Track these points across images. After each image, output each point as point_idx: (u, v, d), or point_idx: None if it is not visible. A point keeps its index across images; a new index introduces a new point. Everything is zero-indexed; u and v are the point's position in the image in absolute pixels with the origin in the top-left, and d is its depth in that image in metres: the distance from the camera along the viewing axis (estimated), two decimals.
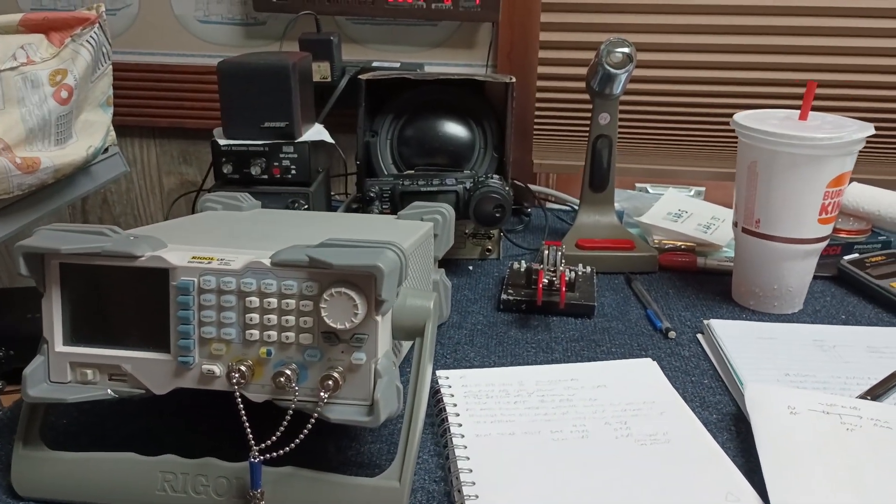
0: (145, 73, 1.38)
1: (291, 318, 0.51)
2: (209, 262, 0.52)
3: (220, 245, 0.55)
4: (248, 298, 0.51)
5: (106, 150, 1.05)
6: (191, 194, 1.42)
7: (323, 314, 0.50)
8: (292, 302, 0.51)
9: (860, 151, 0.79)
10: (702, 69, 1.23)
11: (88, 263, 0.52)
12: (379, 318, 0.50)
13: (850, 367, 0.71)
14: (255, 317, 0.51)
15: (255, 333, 0.51)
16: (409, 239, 0.63)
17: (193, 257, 0.52)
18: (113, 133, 1.05)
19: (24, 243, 0.51)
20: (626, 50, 0.93)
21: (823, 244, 0.82)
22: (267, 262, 0.51)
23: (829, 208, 0.80)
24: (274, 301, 0.51)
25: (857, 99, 1.22)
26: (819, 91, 0.98)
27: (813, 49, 1.19)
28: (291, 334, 0.51)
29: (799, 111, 0.82)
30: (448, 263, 0.99)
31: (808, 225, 0.80)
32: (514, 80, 0.95)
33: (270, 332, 0.51)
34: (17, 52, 0.86)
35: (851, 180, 0.96)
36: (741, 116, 0.83)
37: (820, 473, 0.54)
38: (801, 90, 0.82)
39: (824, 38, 1.18)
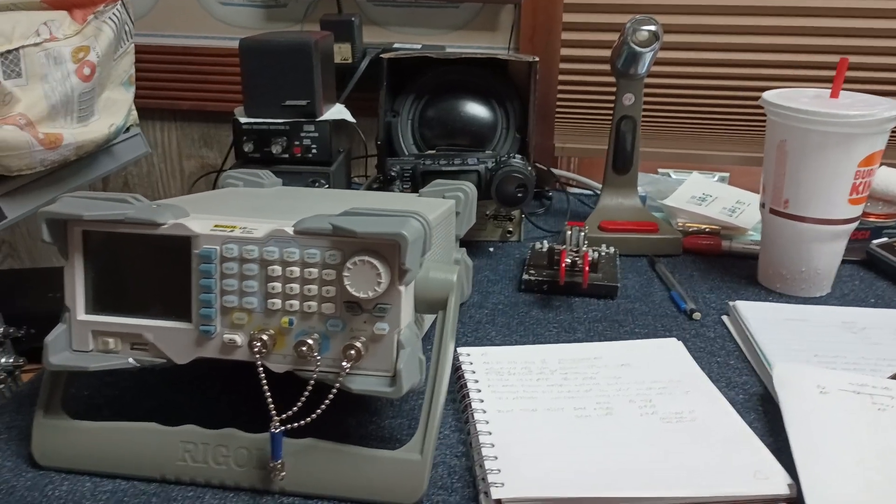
0: (167, 56, 1.39)
1: (314, 288, 0.50)
2: (232, 231, 0.51)
3: (243, 216, 0.55)
4: (270, 267, 0.50)
5: (128, 129, 1.05)
6: (211, 175, 1.42)
7: (346, 283, 0.49)
8: (315, 271, 0.50)
9: (891, 135, 0.77)
10: (729, 51, 1.21)
11: (111, 231, 0.52)
12: (402, 288, 0.50)
13: (880, 349, 0.70)
14: (278, 286, 0.50)
15: (278, 303, 0.51)
16: (432, 213, 0.62)
17: (216, 225, 0.51)
18: (135, 112, 1.05)
19: (47, 209, 0.51)
20: (652, 28, 0.91)
21: (853, 225, 0.80)
22: (290, 230, 0.50)
23: (860, 188, 0.78)
24: (296, 270, 0.50)
25: (889, 82, 1.20)
26: (850, 74, 0.96)
27: (844, 31, 1.17)
28: (314, 304, 0.50)
29: (830, 90, 0.80)
30: (468, 245, 0.99)
31: (838, 205, 0.78)
32: (537, 59, 0.94)
33: (293, 302, 0.51)
34: (40, 29, 0.87)
35: (881, 164, 0.94)
36: (771, 95, 0.81)
37: (851, 453, 0.53)
38: (832, 73, 0.80)
39: (856, 19, 1.16)
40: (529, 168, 0.91)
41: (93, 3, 0.93)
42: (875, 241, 0.93)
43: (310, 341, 0.50)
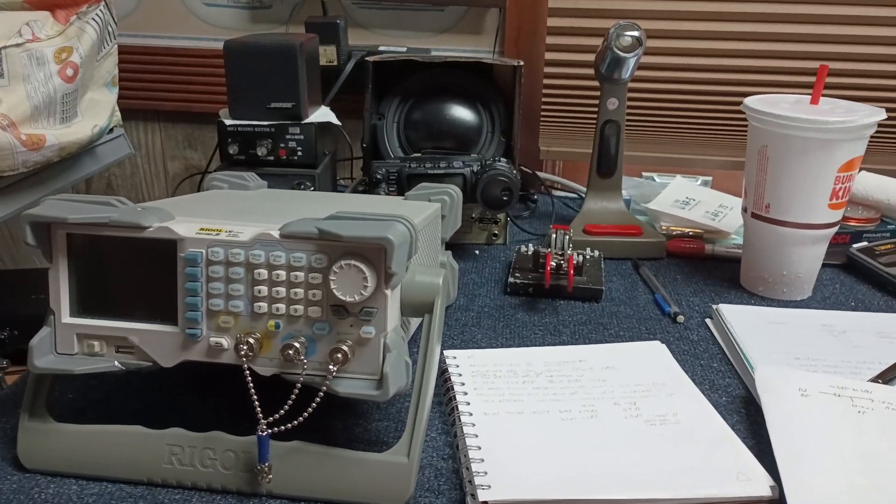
0: (150, 57, 1.38)
1: (300, 291, 0.50)
2: (217, 234, 0.51)
3: (229, 219, 0.54)
4: (256, 271, 0.50)
5: (111, 130, 1.04)
6: (195, 177, 1.41)
7: (332, 287, 0.49)
8: (301, 274, 0.50)
9: (870, 141, 0.78)
10: (711, 56, 1.23)
11: (96, 234, 0.52)
12: (388, 292, 0.50)
13: (860, 352, 0.71)
14: (264, 289, 0.51)
15: (264, 306, 0.51)
16: (417, 216, 0.62)
17: (201, 229, 0.51)
18: (118, 114, 1.05)
19: (31, 212, 0.51)
20: (635, 33, 0.92)
21: (834, 230, 0.81)
22: (276, 233, 0.50)
23: (840, 193, 0.79)
24: (283, 273, 0.50)
25: (868, 88, 1.21)
26: (830, 80, 0.98)
27: (824, 37, 1.19)
28: (300, 307, 0.50)
29: (810, 96, 0.81)
30: (454, 248, 0.99)
31: (818, 210, 0.79)
32: (522, 63, 0.95)
33: (279, 305, 0.51)
34: (22, 29, 0.86)
35: (861, 169, 0.95)
36: (752, 100, 0.82)
37: (832, 455, 0.53)
38: (812, 79, 0.82)
39: (836, 26, 1.18)
40: (514, 171, 0.92)
41: (75, 3, 0.92)
42: (855, 246, 0.94)
43: (296, 344, 0.50)
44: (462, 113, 1.01)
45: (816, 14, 1.17)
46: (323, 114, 1.02)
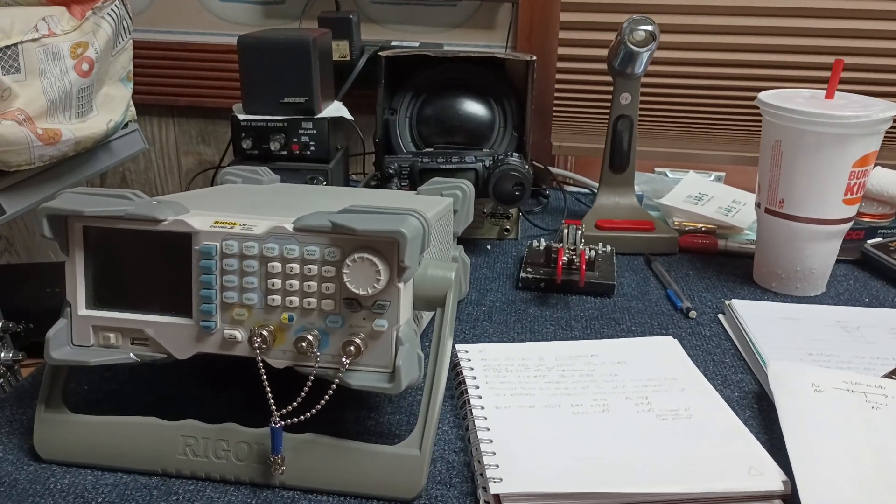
0: (164, 52, 1.38)
1: (313, 284, 0.51)
2: (232, 227, 0.51)
3: (243, 213, 0.55)
4: (270, 264, 0.51)
5: (126, 125, 1.05)
6: (208, 172, 1.42)
7: (345, 280, 0.49)
8: (314, 267, 0.50)
9: (885, 136, 0.78)
10: (725, 51, 1.22)
11: (111, 227, 0.52)
12: (401, 285, 0.50)
13: (873, 348, 0.71)
14: (278, 282, 0.51)
15: (277, 299, 0.51)
16: (430, 211, 0.62)
17: (216, 222, 0.52)
18: (133, 108, 1.06)
19: (48, 205, 0.51)
20: (649, 28, 0.92)
21: (848, 225, 0.81)
22: (290, 227, 0.51)
23: (855, 189, 0.79)
24: (296, 266, 0.51)
25: (883, 83, 1.20)
26: (844, 75, 0.97)
27: (840, 32, 1.18)
28: (313, 300, 0.51)
29: (825, 91, 0.81)
30: (466, 243, 0.99)
31: (832, 205, 0.79)
32: (534, 58, 0.95)
33: (292, 298, 0.51)
34: (38, 24, 0.87)
35: (876, 165, 0.95)
36: (766, 95, 0.81)
37: (845, 450, 0.53)
38: (827, 74, 0.81)
39: (852, 20, 1.17)
40: (527, 166, 0.92)
41: None
42: (869, 241, 0.93)
43: (309, 337, 0.50)
44: (474, 108, 1.01)
45: (831, 8, 1.16)
46: (336, 109, 1.03)
